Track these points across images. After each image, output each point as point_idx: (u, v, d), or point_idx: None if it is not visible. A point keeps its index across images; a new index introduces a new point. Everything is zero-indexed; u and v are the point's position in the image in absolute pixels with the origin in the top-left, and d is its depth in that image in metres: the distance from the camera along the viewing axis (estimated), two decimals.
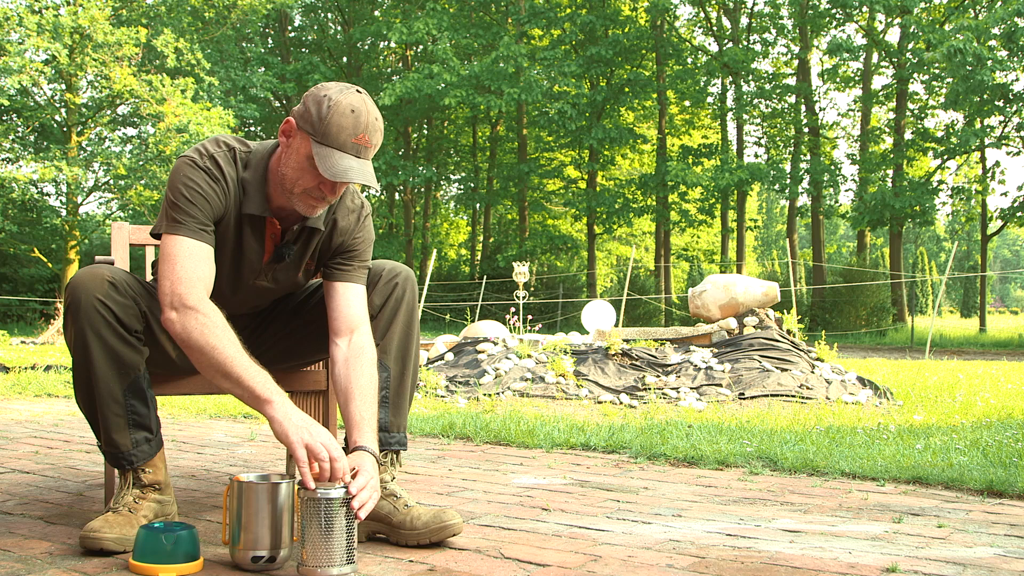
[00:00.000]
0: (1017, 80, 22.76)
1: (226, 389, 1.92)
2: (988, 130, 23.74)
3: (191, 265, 1.95)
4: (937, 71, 24.21)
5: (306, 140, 1.96)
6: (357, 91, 1.98)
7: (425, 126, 33.92)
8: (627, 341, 6.79)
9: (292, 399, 2.79)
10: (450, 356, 6.70)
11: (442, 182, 35.21)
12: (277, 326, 2.34)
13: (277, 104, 31.02)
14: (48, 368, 7.68)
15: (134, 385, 2.03)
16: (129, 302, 2.02)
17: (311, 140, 1.95)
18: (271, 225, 2.12)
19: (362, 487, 1.86)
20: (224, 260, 2.12)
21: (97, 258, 2.37)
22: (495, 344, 6.71)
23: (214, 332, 1.89)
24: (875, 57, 26.69)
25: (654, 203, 27.78)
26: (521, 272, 8.53)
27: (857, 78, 28.09)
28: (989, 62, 20.04)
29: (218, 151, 2.05)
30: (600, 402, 5.55)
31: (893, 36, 27.38)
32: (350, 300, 2.15)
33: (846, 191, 29.14)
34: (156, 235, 2.03)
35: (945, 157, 25.55)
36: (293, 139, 2.00)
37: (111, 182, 22.82)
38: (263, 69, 27.28)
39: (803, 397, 5.50)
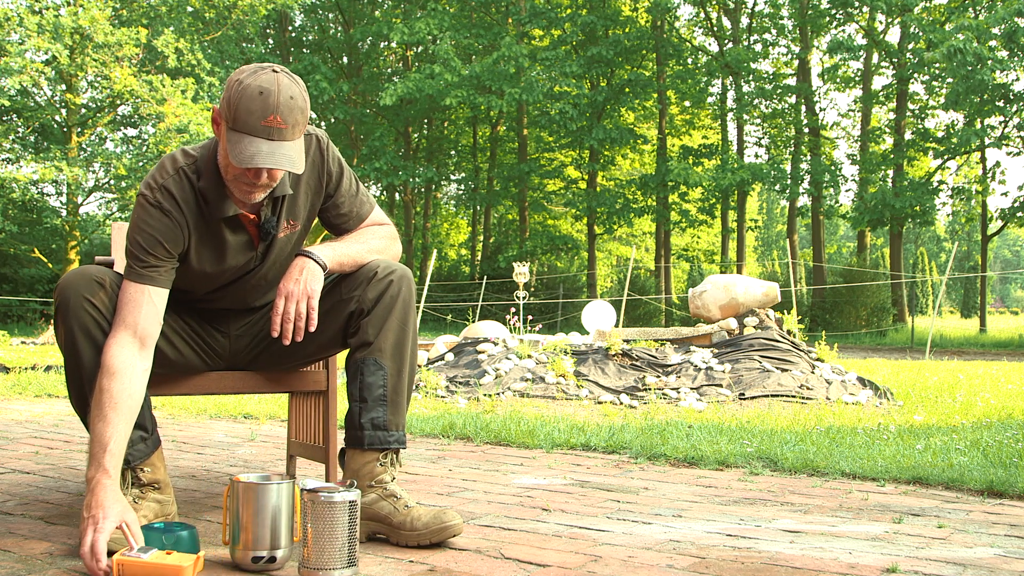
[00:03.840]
0: (1017, 80, 22.76)
1: (90, 442, 1.93)
2: (988, 130, 23.73)
3: (126, 313, 1.99)
4: (937, 71, 24.21)
5: (225, 127, 1.96)
6: (273, 70, 1.93)
7: (425, 126, 33.91)
8: (627, 341, 6.79)
9: (292, 399, 2.80)
10: (450, 356, 6.70)
11: (442, 182, 35.20)
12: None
13: None
14: (48, 368, 7.68)
15: None
16: None
17: (226, 127, 1.95)
18: (245, 217, 2.12)
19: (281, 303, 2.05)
20: (217, 264, 2.14)
21: (97, 258, 2.36)
22: (495, 344, 6.71)
23: (100, 398, 1.92)
24: (875, 57, 26.69)
25: (654, 203, 27.78)
26: (521, 272, 8.53)
27: (857, 78, 28.09)
28: (989, 62, 20.03)
29: (167, 178, 2.04)
30: (600, 402, 5.55)
31: (893, 36, 27.42)
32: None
33: (846, 191, 29.15)
34: None
35: (945, 157, 25.55)
36: (219, 128, 2.00)
37: (111, 182, 22.83)
38: None
39: (803, 397, 5.50)
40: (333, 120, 28.87)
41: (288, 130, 1.93)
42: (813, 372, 5.99)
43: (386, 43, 31.75)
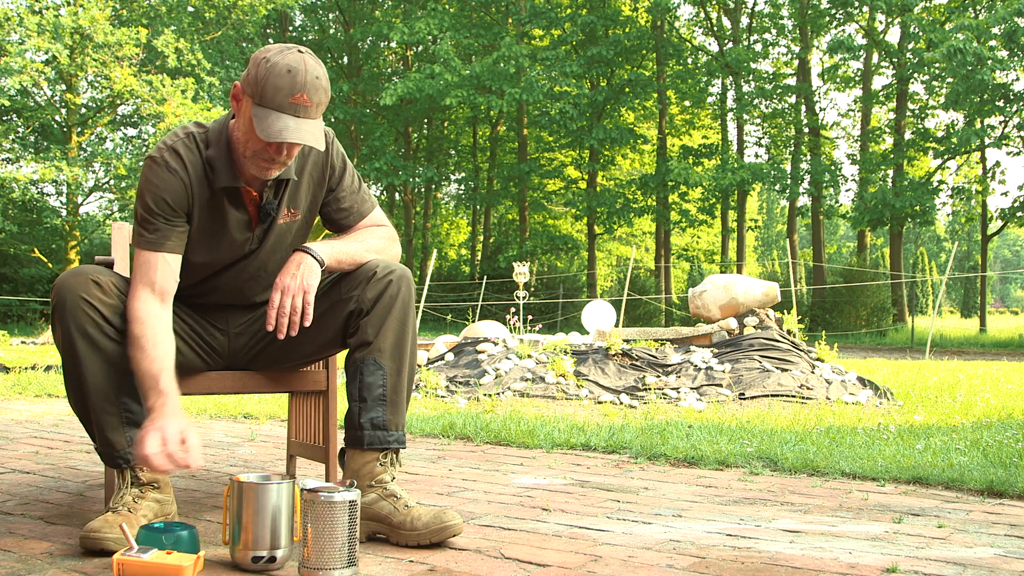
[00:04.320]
0: (1017, 80, 22.75)
1: (139, 383, 1.99)
2: (988, 130, 23.73)
3: (142, 274, 2.04)
4: (937, 71, 24.21)
5: (249, 103, 2.00)
6: (299, 51, 2.00)
7: (425, 126, 33.91)
8: (627, 341, 6.79)
9: (292, 399, 2.80)
10: (450, 356, 6.70)
11: (442, 182, 35.21)
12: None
13: None
14: (48, 368, 7.68)
15: (125, 383, 2.04)
16: (115, 301, 2.03)
17: (251, 102, 1.99)
18: (247, 193, 2.15)
19: (280, 293, 2.06)
20: (215, 239, 2.16)
21: (97, 258, 2.36)
22: (495, 344, 6.71)
23: (138, 342, 1.97)
24: (875, 57, 26.70)
25: (654, 203, 27.78)
26: (521, 272, 8.53)
27: (857, 78, 28.09)
28: (989, 62, 20.03)
29: (177, 140, 2.10)
30: (600, 402, 5.55)
31: (893, 36, 27.41)
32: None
33: (846, 191, 29.17)
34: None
35: (945, 157, 25.55)
36: (241, 103, 2.04)
37: (111, 182, 22.83)
38: None
39: (803, 397, 5.50)
40: (333, 120, 28.85)
41: (312, 108, 1.99)
42: (813, 372, 5.99)
43: (386, 43, 31.74)
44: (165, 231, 2.06)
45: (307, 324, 2.10)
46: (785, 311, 7.73)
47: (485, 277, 24.22)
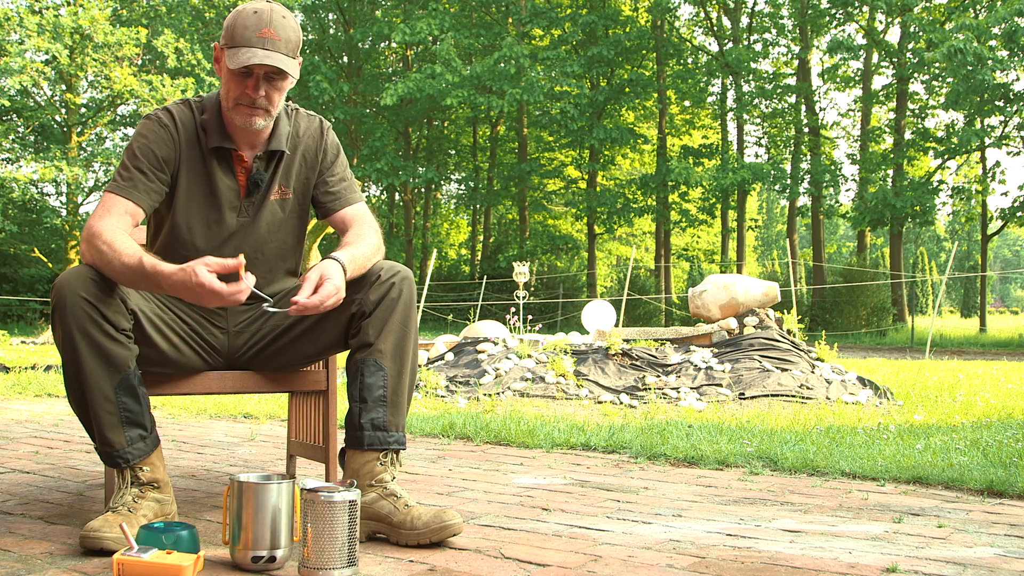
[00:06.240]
0: (1017, 80, 22.75)
1: (139, 285, 2.01)
2: (988, 130, 23.73)
3: (108, 210, 2.08)
4: (937, 71, 24.21)
5: (224, 53, 2.13)
6: (267, 1, 2.14)
7: (426, 126, 33.90)
8: (627, 341, 6.79)
9: (292, 399, 2.80)
10: (450, 356, 6.70)
11: (442, 182, 35.19)
12: (276, 319, 2.33)
13: None
14: (48, 368, 7.68)
15: (124, 383, 2.04)
16: (115, 300, 2.03)
17: (225, 49, 2.12)
18: (239, 160, 2.23)
19: (314, 294, 2.00)
20: (205, 206, 2.21)
21: None
22: (495, 344, 6.71)
23: (106, 246, 1.99)
24: (875, 57, 26.70)
25: (654, 203, 27.79)
26: (521, 272, 8.52)
27: (857, 78, 28.09)
28: (989, 62, 20.03)
29: (172, 104, 2.24)
30: (600, 402, 5.55)
31: (893, 36, 27.41)
32: (348, 218, 2.32)
33: (846, 191, 29.17)
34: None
35: (945, 157, 25.54)
36: (220, 61, 2.16)
37: None
38: None
39: (803, 397, 5.50)
40: (333, 120, 28.83)
41: (281, 43, 2.11)
42: (813, 372, 5.99)
43: (386, 43, 31.73)
44: (138, 182, 2.12)
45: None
46: (785, 311, 7.73)
47: (485, 277, 24.22)
